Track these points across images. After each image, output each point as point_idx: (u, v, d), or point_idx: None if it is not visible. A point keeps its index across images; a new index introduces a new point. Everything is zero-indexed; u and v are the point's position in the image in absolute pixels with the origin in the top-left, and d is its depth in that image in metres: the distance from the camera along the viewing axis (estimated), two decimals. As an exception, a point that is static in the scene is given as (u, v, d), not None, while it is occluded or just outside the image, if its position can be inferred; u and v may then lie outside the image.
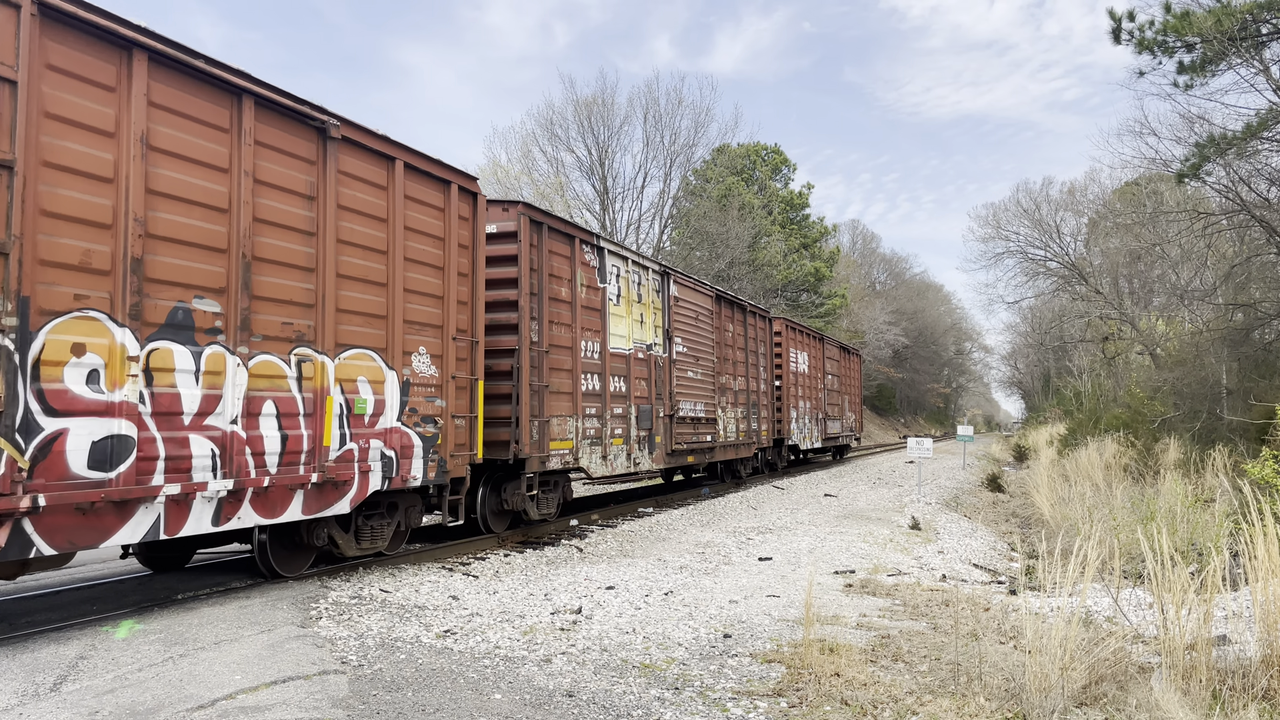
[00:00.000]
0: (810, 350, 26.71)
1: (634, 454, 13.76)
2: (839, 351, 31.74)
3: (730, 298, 19.32)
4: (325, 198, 7.76)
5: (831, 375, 29.59)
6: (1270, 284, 18.24)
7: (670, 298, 15.56)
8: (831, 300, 49.73)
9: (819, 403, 27.34)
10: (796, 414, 24.48)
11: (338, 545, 8.39)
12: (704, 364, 17.13)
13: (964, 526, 15.32)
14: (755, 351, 20.94)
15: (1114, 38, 15.05)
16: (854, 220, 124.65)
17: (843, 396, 31.69)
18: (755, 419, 20.66)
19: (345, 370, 7.86)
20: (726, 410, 18.52)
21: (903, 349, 74.74)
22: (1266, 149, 16.26)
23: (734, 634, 6.60)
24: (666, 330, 15.36)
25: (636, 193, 42.86)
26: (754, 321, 21.07)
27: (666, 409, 15.11)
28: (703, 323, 17.21)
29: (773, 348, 22.69)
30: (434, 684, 5.09)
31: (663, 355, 15.12)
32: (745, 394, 19.88)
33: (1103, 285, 37.16)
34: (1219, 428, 16.88)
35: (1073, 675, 4.72)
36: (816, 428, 26.93)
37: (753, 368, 20.62)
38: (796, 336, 25.30)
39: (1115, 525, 9.66)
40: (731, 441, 18.69)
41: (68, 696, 4.72)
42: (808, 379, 25.99)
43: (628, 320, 13.79)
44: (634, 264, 14.26)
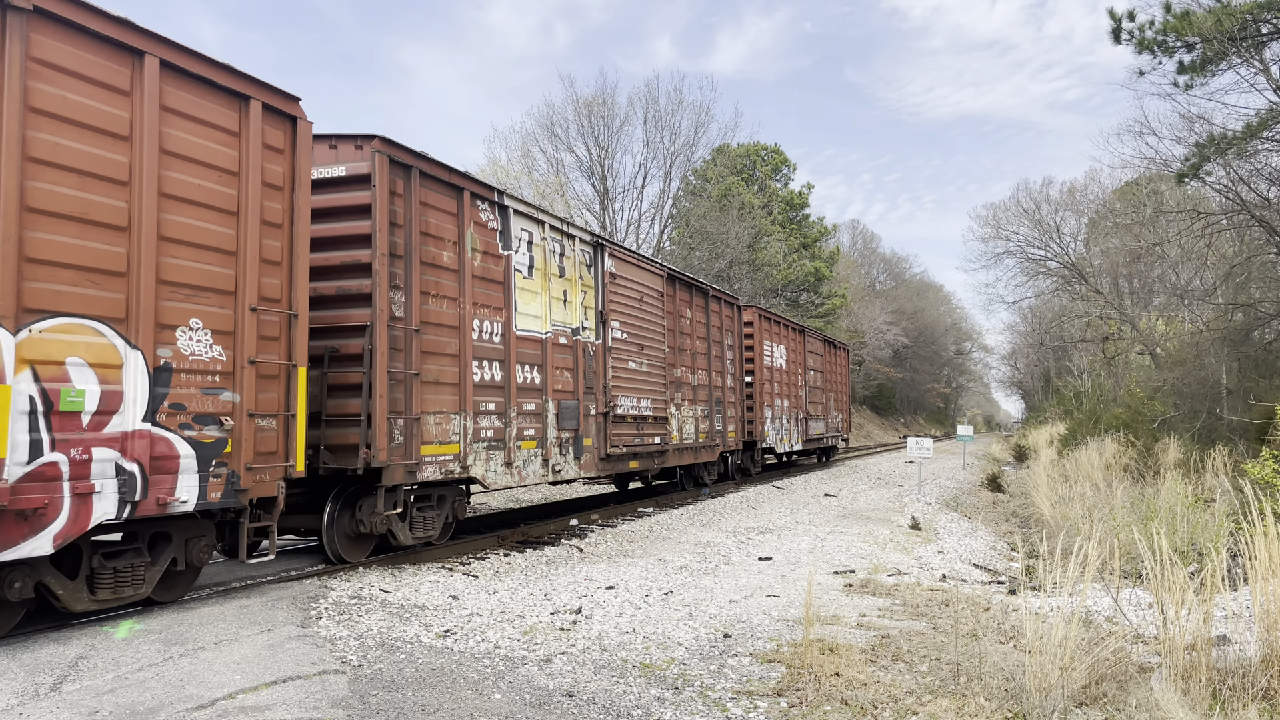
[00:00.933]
0: (789, 343, 24.37)
1: (554, 460, 11.41)
2: (823, 345, 29.29)
3: (688, 279, 16.80)
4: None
5: (814, 371, 27.29)
6: (1270, 284, 18.25)
7: (605, 274, 13.05)
8: (831, 300, 49.72)
9: (799, 401, 25.03)
10: (772, 413, 22.11)
11: (57, 597, 6.09)
12: (652, 354, 14.68)
13: (964, 526, 15.32)
14: (721, 342, 18.49)
15: (1114, 38, 15.05)
16: (854, 220, 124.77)
17: (828, 394, 29.25)
18: (720, 419, 18.23)
19: (43, 348, 5.60)
20: (683, 408, 16.14)
21: (903, 349, 74.75)
22: (1266, 149, 16.26)
23: (734, 634, 6.60)
24: (600, 312, 12.88)
25: (636, 193, 42.88)
26: (719, 308, 18.60)
27: (600, 405, 12.69)
28: (650, 306, 14.80)
29: (742, 339, 20.26)
30: (434, 684, 5.09)
31: (595, 342, 12.70)
32: (707, 390, 17.53)
33: (1103, 285, 37.16)
34: (1219, 428, 16.88)
35: (1073, 675, 4.72)
36: (796, 428, 24.66)
37: (717, 360, 18.17)
38: (772, 328, 22.88)
39: (1115, 525, 9.66)
40: (689, 444, 16.36)
41: (68, 696, 4.71)
42: (786, 375, 23.72)
43: (544, 298, 11.40)
44: (554, 230, 11.78)
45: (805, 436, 25.63)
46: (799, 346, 25.50)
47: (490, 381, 10.23)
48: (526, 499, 17.75)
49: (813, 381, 26.97)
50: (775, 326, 23.31)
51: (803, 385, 25.63)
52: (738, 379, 19.60)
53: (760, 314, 21.79)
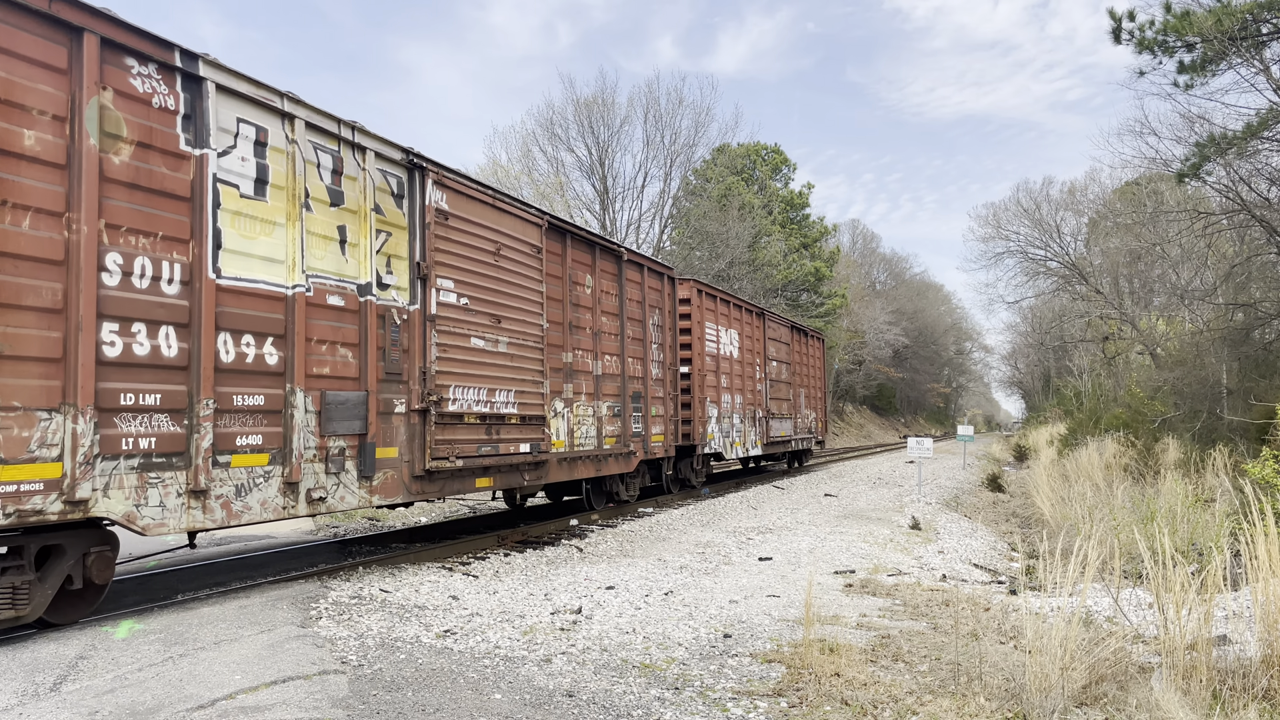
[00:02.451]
0: (743, 328, 20.44)
1: (310, 481, 7.61)
2: (790, 332, 25.06)
3: (588, 235, 12.85)
4: None
5: (778, 362, 23.40)
6: (1270, 284, 18.25)
7: (428, 210, 9.18)
8: (831, 300, 49.74)
9: (756, 397, 21.20)
10: (718, 412, 18.39)
11: None
12: (517, 330, 10.73)
13: (964, 526, 15.32)
14: (643, 322, 14.58)
15: (1114, 38, 15.06)
16: (854, 220, 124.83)
17: (796, 390, 25.27)
18: (640, 419, 14.37)
19: None
20: (576, 405, 12.26)
21: (903, 349, 74.79)
22: (1266, 149, 16.27)
23: (734, 634, 6.60)
24: (419, 265, 9.12)
25: (637, 193, 42.89)
26: (642, 279, 14.67)
27: (415, 399, 8.96)
28: (516, 264, 10.78)
29: (675, 319, 16.18)
30: (434, 684, 5.09)
31: (406, 306, 8.99)
32: (619, 382, 13.67)
33: (1103, 285, 37.16)
34: (1219, 427, 16.88)
35: (1073, 675, 4.72)
36: (754, 429, 20.94)
37: (635, 344, 14.26)
38: (719, 307, 18.80)
39: (1115, 525, 9.66)
40: (587, 452, 12.49)
41: (68, 696, 4.71)
42: (739, 365, 19.93)
43: (292, 233, 7.55)
44: (317, 131, 7.92)
45: (766, 439, 21.90)
46: (757, 332, 21.64)
47: (153, 358, 6.49)
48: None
49: (776, 374, 23.11)
50: (724, 306, 19.13)
51: (762, 379, 21.77)
52: (669, 369, 15.67)
53: (701, 289, 17.89)
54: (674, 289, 16.20)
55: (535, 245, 11.27)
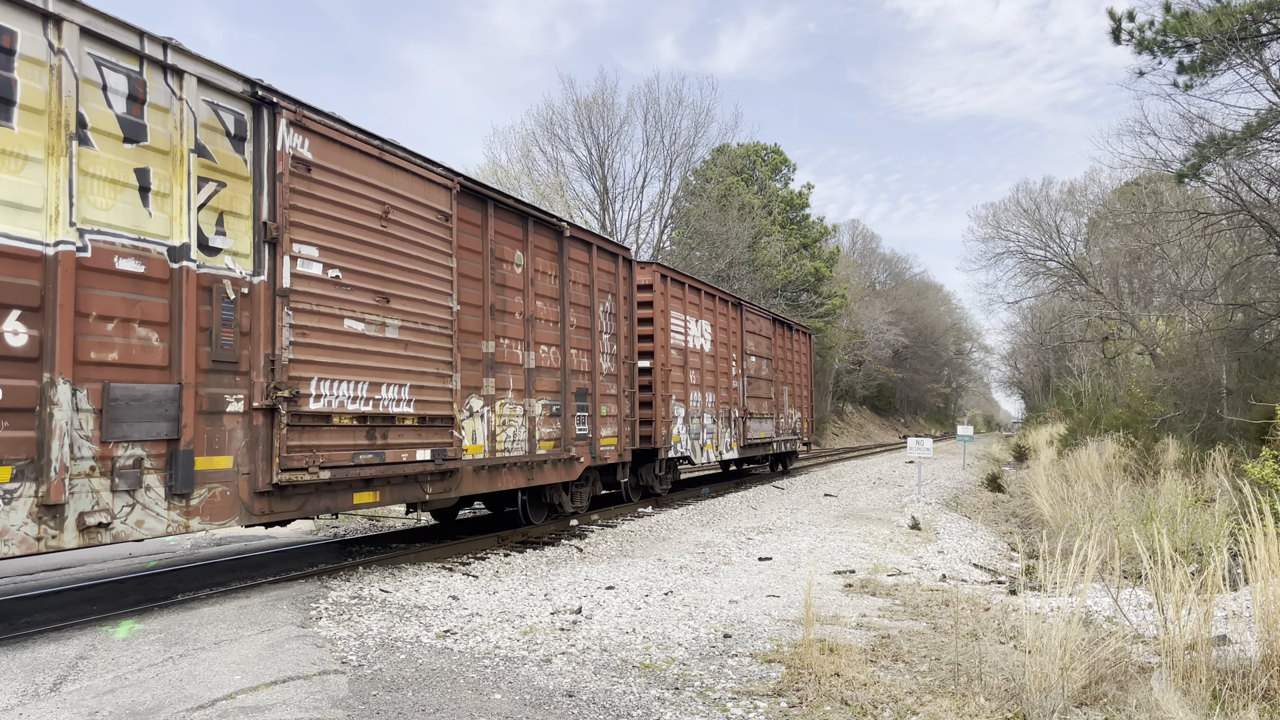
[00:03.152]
0: (716, 319, 18.52)
1: (84, 503, 5.83)
2: (772, 326, 22.97)
3: (516, 204, 10.87)
4: None
5: (757, 358, 21.34)
6: (1270, 284, 18.26)
7: (284, 159, 7.40)
8: (831, 300, 49.76)
9: (731, 396, 19.30)
10: (686, 411, 16.47)
11: None
12: (412, 310, 8.88)
13: (964, 526, 15.32)
14: (590, 309, 12.67)
15: (1114, 38, 15.06)
16: (854, 220, 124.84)
17: (779, 388, 23.27)
18: (587, 419, 12.53)
19: None
20: (501, 404, 10.44)
21: (903, 349, 74.81)
22: (1266, 149, 16.27)
23: (734, 634, 6.60)
24: (267, 224, 7.26)
25: (636, 193, 42.88)
26: (586, 258, 12.65)
27: (260, 394, 7.14)
28: (414, 230, 8.95)
29: (634, 306, 14.31)
30: (434, 684, 5.09)
31: (248, 276, 7.13)
32: (559, 377, 11.78)
33: (1103, 285, 37.17)
34: (1219, 428, 16.89)
35: (1073, 675, 4.72)
36: (730, 430, 19.05)
37: (581, 333, 12.41)
38: (687, 295, 16.92)
39: (1115, 525, 9.66)
40: (514, 458, 10.65)
41: (68, 696, 4.71)
42: (711, 360, 18.05)
43: (57, 170, 5.85)
44: (94, 41, 6.12)
45: (744, 441, 20.00)
46: (732, 324, 19.70)
47: None
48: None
49: (755, 370, 21.12)
50: (693, 295, 17.30)
51: (739, 375, 19.87)
52: (622, 362, 13.74)
53: (666, 274, 15.91)
54: (631, 273, 14.21)
55: (442, 211, 9.38)
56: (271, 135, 7.36)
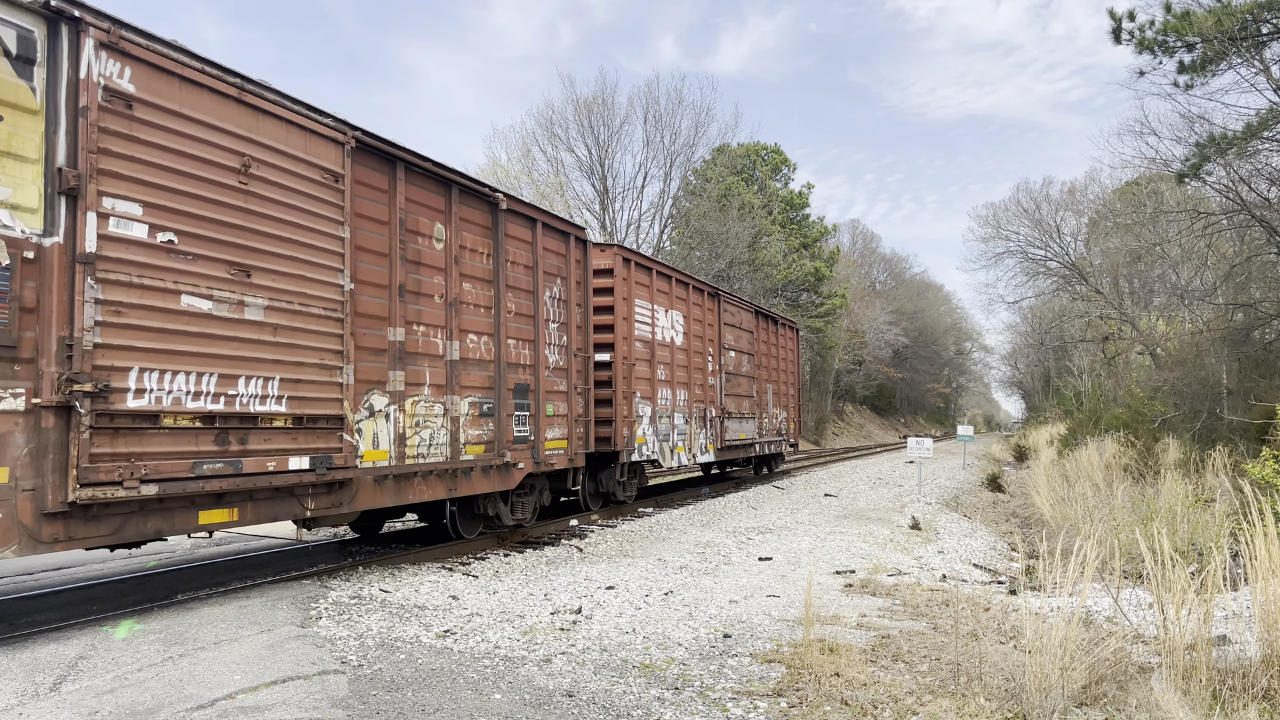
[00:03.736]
0: (690, 310, 16.81)
1: None
2: (755, 318, 21.24)
3: (439, 170, 9.29)
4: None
5: (737, 352, 19.53)
6: (1270, 284, 18.26)
7: (92, 89, 5.93)
8: (831, 300, 49.77)
9: (707, 393, 17.63)
10: (653, 410, 14.87)
11: None
12: (285, 287, 7.36)
13: (964, 526, 15.32)
14: (533, 294, 11.10)
15: (1114, 38, 15.06)
16: (854, 220, 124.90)
17: (763, 386, 21.64)
18: (527, 419, 10.89)
19: None
20: (414, 401, 8.86)
21: (903, 349, 74.83)
22: (1267, 149, 16.28)
23: (734, 634, 6.60)
24: (63, 171, 5.76)
25: (636, 193, 42.90)
26: (529, 235, 11.10)
27: (51, 388, 5.66)
28: (287, 190, 7.41)
29: (588, 293, 12.69)
30: (434, 684, 5.09)
31: (34, 236, 5.67)
32: (494, 371, 10.25)
33: (1103, 285, 37.17)
34: (1219, 428, 16.89)
35: (1073, 675, 4.72)
36: (705, 431, 17.34)
37: (521, 322, 10.84)
38: (655, 282, 15.24)
39: (1115, 525, 9.66)
40: (432, 465, 9.04)
41: (68, 696, 4.71)
42: (684, 354, 16.41)
43: None
44: None
45: (721, 443, 18.27)
46: (709, 316, 17.95)
47: None
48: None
49: (734, 366, 19.37)
50: (662, 282, 15.62)
51: (715, 371, 18.15)
52: (574, 355, 12.12)
53: (629, 259, 14.29)
54: (586, 255, 12.57)
55: (331, 170, 7.78)
56: (74, 59, 5.80)
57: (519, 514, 11.39)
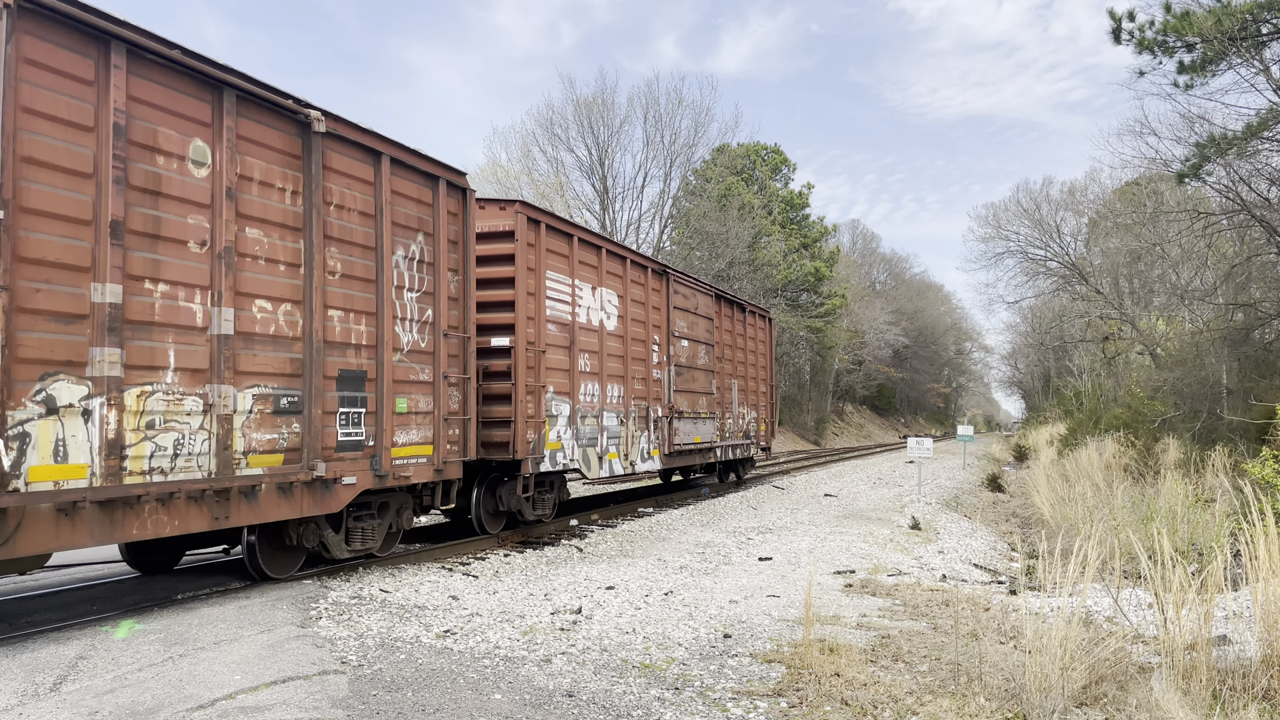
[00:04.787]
0: (628, 289, 13.98)
1: None
2: (716, 304, 18.25)
3: (186, 60, 6.64)
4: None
5: (691, 342, 16.59)
6: (1270, 284, 18.27)
7: None
8: (831, 300, 49.80)
9: (651, 389, 14.87)
10: (573, 408, 12.18)
11: None
12: None
13: (964, 526, 15.32)
14: (375, 251, 8.52)
15: (1114, 38, 15.06)
16: (854, 220, 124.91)
17: (725, 381, 18.76)
18: (364, 418, 8.32)
19: None
20: (143, 394, 6.34)
21: (903, 349, 74.85)
22: (1267, 149, 16.28)
23: (734, 634, 6.60)
24: None
25: (636, 193, 42.94)
26: (370, 174, 8.51)
27: None
28: None
29: (468, 256, 9.92)
30: (434, 684, 5.09)
31: None
32: (304, 352, 7.73)
33: (1103, 285, 37.18)
34: (1219, 428, 16.89)
35: (1073, 675, 4.72)
36: (648, 434, 14.60)
37: (357, 287, 8.31)
38: (579, 253, 12.56)
39: (1115, 525, 9.67)
40: (177, 484, 6.46)
41: (67, 696, 4.71)
42: (618, 341, 13.67)
43: None
44: None
45: (671, 447, 15.46)
46: (654, 298, 15.23)
47: None
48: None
49: (688, 358, 16.44)
50: (588, 253, 12.88)
51: (663, 363, 15.40)
52: (442, 333, 9.37)
53: (538, 219, 11.50)
54: (465, 208, 9.89)
55: None
56: None
57: (357, 543, 8.68)
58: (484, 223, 11.05)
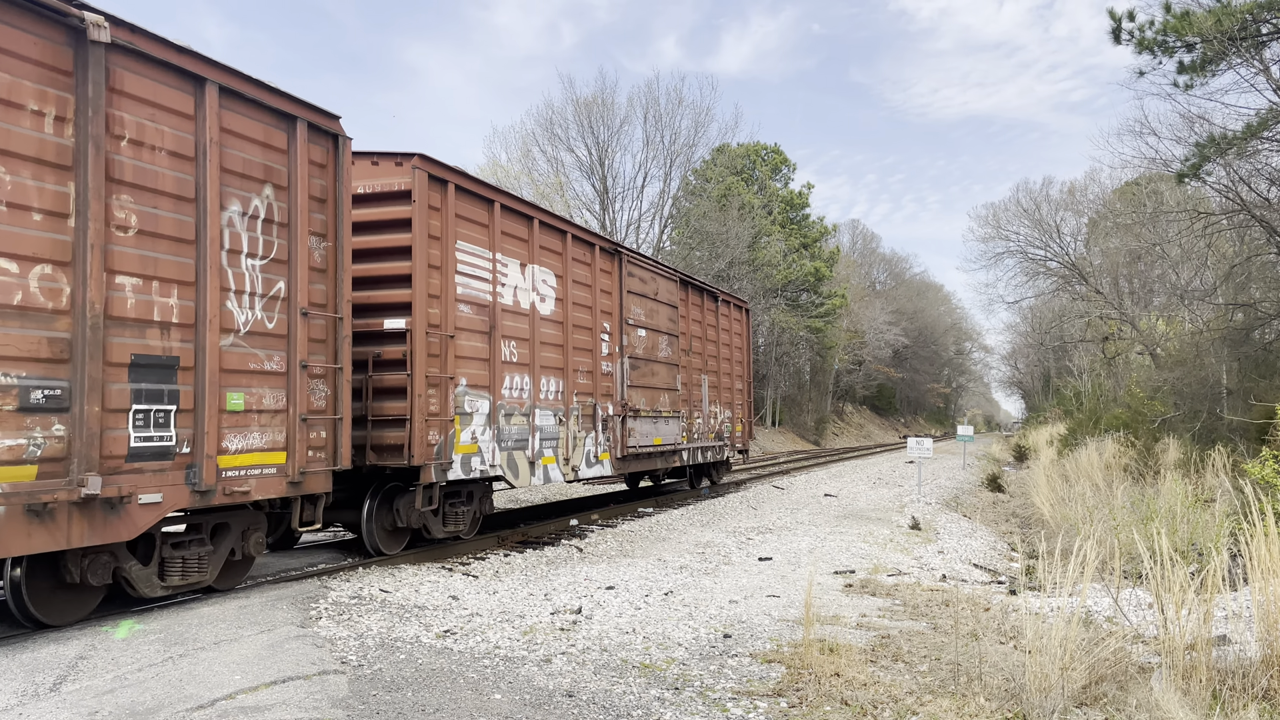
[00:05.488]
0: (568, 268, 12.17)
1: None
2: (682, 290, 16.38)
3: None
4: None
5: (650, 331, 14.70)
6: (1270, 284, 18.27)
7: None
8: (831, 300, 49.83)
9: (599, 384, 12.91)
10: (493, 404, 10.38)
11: None
12: None
13: (964, 526, 15.32)
14: (194, 202, 6.76)
15: (1114, 38, 15.05)
16: (854, 220, 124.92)
17: (693, 376, 16.84)
18: (170, 417, 6.53)
19: None
20: None
21: (903, 349, 74.87)
22: (1266, 149, 16.28)
23: (734, 634, 6.60)
24: None
25: (636, 193, 42.92)
26: (185, 102, 6.68)
27: None
28: None
29: (341, 216, 8.21)
30: (434, 684, 5.09)
31: None
32: (67, 328, 5.85)
33: (1103, 285, 37.18)
34: (1219, 428, 16.89)
35: (1073, 675, 4.72)
36: (594, 435, 12.74)
37: (169, 246, 6.57)
38: (502, 222, 10.71)
39: (1115, 525, 9.66)
40: None
41: (68, 696, 4.71)
42: (556, 328, 11.83)
43: None
44: None
45: (624, 450, 13.53)
46: (604, 279, 13.27)
47: None
48: (526, 499, 17.48)
49: (646, 350, 14.54)
50: (514, 223, 11.00)
51: (614, 354, 13.49)
52: (299, 311, 7.69)
53: (448, 180, 9.72)
54: (337, 157, 8.15)
55: None
56: None
57: (181, 575, 6.97)
58: (373, 181, 9.42)
